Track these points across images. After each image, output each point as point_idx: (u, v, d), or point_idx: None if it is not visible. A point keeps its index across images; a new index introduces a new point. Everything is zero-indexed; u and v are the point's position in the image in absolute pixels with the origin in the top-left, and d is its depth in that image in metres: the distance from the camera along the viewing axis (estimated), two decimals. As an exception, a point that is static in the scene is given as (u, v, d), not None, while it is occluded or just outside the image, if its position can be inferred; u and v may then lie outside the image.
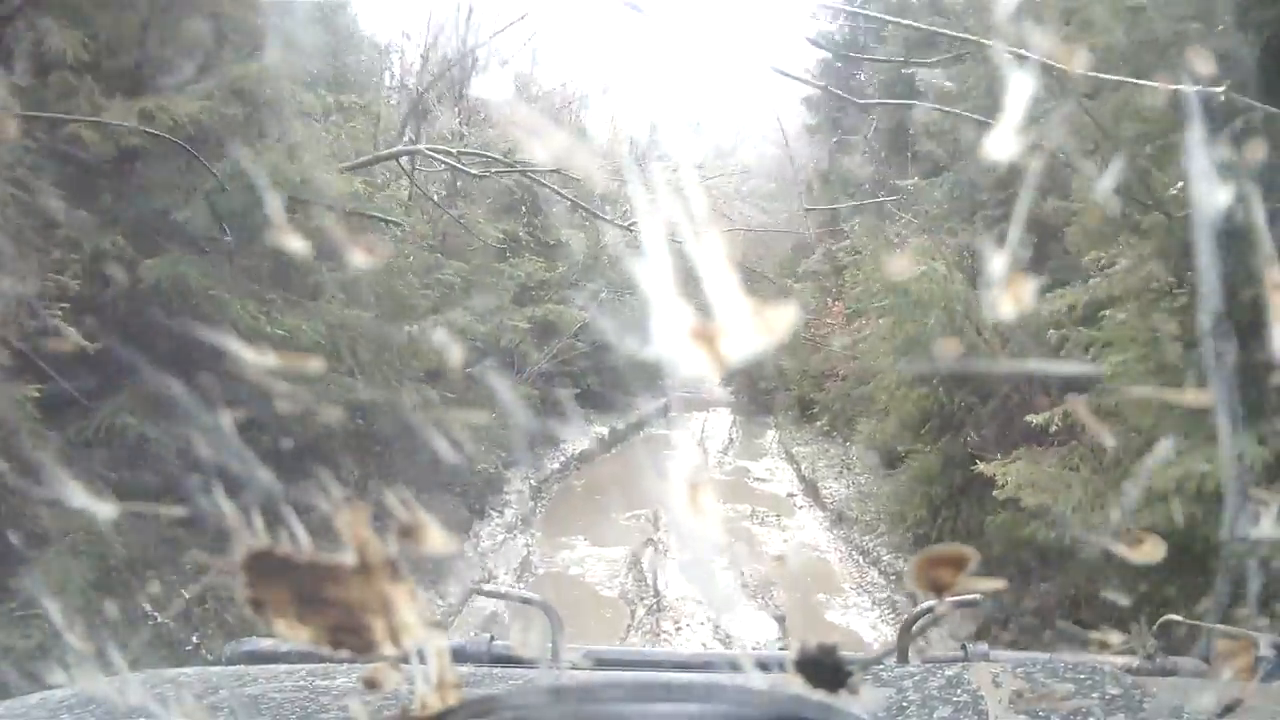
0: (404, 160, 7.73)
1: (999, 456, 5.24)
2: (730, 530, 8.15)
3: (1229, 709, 0.56)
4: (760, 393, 17.68)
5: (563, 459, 11.69)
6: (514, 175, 10.85)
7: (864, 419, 9.50)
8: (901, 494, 7.45)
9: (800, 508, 10.13)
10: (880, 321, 7.82)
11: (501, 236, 10.60)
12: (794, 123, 17.06)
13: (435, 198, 9.18)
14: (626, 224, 6.12)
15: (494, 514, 8.55)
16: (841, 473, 10.66)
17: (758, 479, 11.85)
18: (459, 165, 7.26)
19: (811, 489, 10.53)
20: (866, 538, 8.10)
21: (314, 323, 5.60)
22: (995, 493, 4.98)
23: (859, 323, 10.07)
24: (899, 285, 6.25)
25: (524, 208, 12.43)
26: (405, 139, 9.33)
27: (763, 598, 6.40)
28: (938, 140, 7.57)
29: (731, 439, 15.52)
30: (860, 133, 11.87)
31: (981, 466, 5.26)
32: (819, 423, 12.63)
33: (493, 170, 7.78)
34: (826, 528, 9.06)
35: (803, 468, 11.69)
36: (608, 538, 8.04)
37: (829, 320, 11.96)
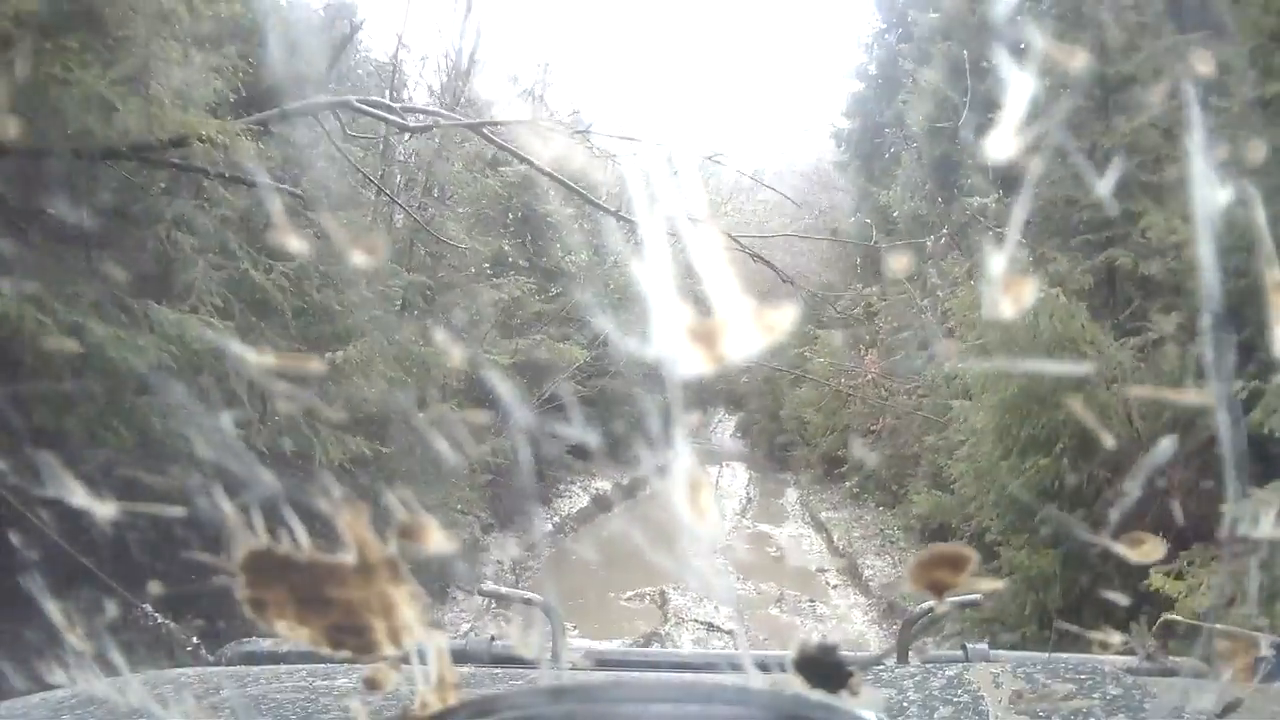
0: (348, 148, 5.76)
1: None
2: (754, 618, 7.07)
3: (1229, 709, 0.56)
4: (778, 448, 16.42)
5: (556, 520, 10.29)
6: (493, 168, 9.21)
7: (916, 485, 8.03)
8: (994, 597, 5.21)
9: (835, 587, 8.59)
10: (966, 369, 6.16)
11: (483, 252, 8.91)
12: (821, 158, 16.29)
13: (391, 194, 7.17)
14: (620, 213, 4.85)
15: (464, 594, 7.15)
16: (884, 546, 9.05)
17: (782, 549, 10.24)
18: (400, 119, 5.49)
19: (849, 567, 8.98)
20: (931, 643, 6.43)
21: (145, 339, 3.66)
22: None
23: (906, 373, 9.00)
24: (1016, 323, 4.64)
25: (516, 215, 10.58)
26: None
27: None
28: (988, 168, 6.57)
29: (749, 498, 13.94)
30: (897, 168, 11.01)
31: (1155, 580, 3.86)
32: (848, 484, 11.30)
33: (441, 124, 6.18)
34: (875, 620, 7.43)
35: (835, 538, 10.01)
36: (604, 625, 6.87)
37: (861, 370, 10.65)
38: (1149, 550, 0.46)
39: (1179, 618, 1.21)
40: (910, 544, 8.58)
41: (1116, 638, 0.67)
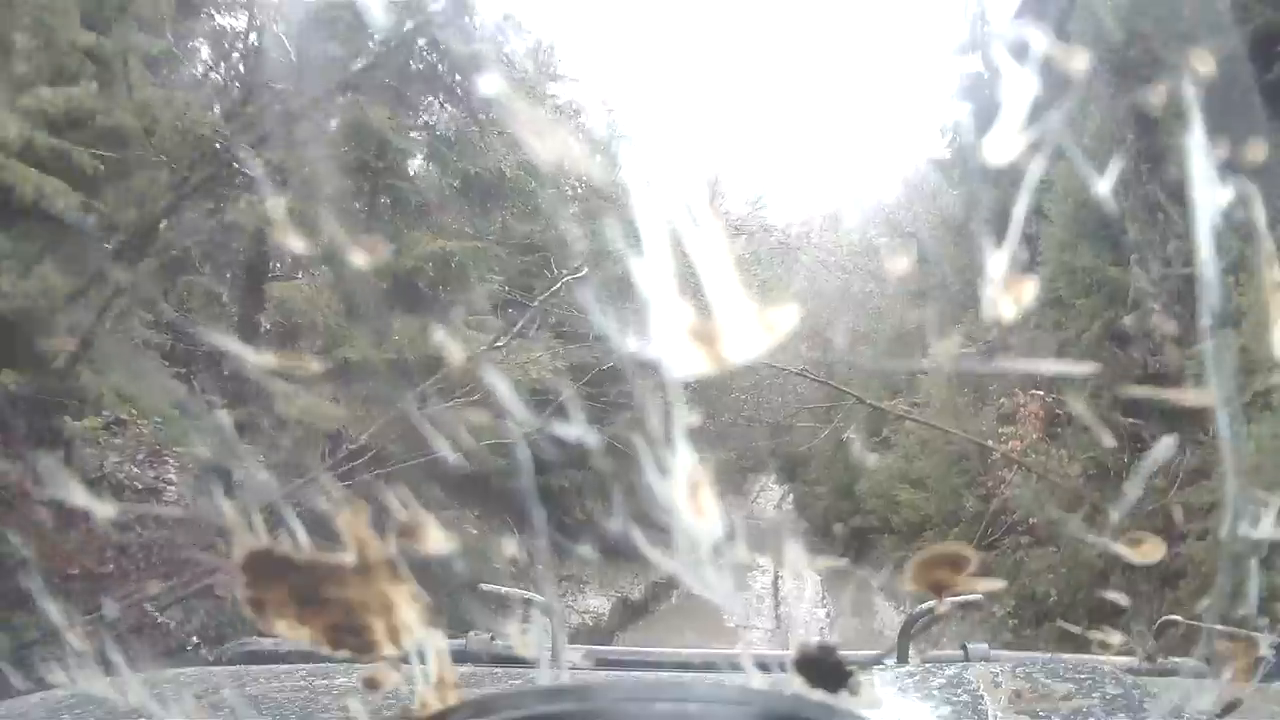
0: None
1: None
2: None
3: (1229, 709, 0.56)
4: (853, 535, 11.55)
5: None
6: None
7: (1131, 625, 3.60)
8: None
9: None
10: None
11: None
12: (904, 182, 13.35)
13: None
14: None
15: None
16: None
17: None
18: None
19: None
20: None
21: None
22: None
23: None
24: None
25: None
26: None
27: None
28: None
29: (831, 619, 8.34)
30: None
31: None
32: (998, 610, 6.51)
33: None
34: None
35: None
36: None
37: (1013, 429, 6.93)
38: (1148, 550, 0.46)
39: (1179, 618, 1.21)
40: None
41: (1116, 638, 0.67)
